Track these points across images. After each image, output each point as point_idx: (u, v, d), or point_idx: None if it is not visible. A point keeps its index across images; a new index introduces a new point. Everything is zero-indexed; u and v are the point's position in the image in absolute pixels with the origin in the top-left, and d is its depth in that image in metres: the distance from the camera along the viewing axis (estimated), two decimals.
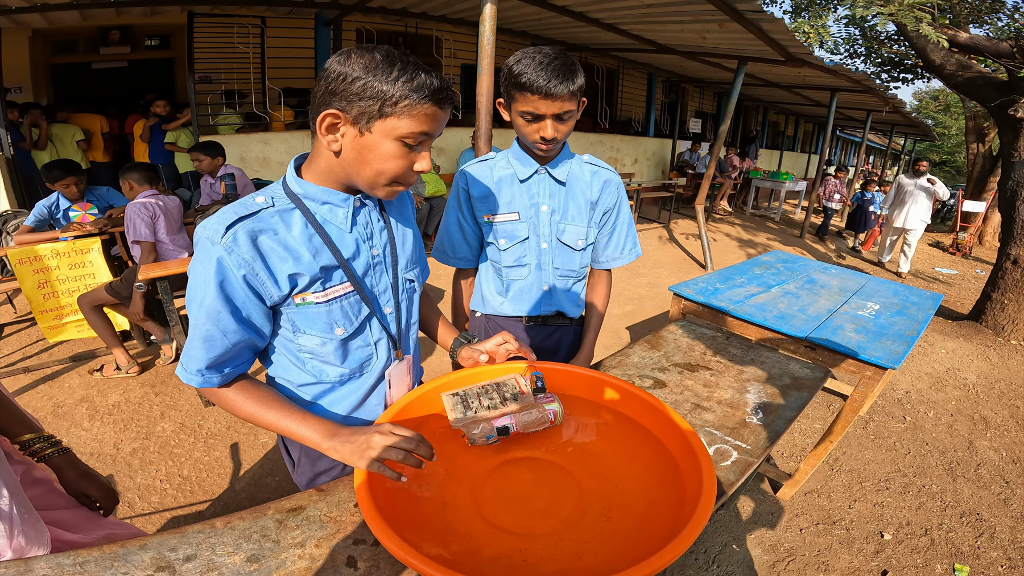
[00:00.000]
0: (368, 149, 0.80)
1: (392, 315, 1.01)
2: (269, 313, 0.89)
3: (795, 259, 3.06)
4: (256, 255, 0.81)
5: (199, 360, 0.84)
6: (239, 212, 0.81)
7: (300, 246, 0.85)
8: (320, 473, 1.08)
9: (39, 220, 3.18)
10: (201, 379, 0.85)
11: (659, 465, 0.94)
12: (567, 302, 1.46)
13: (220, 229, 0.79)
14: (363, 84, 0.75)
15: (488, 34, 2.54)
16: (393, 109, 0.76)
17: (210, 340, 0.82)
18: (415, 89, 0.76)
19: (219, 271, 0.80)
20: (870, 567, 1.97)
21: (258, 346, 0.91)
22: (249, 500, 2.14)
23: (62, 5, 4.48)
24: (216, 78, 5.50)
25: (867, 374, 1.80)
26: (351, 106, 0.76)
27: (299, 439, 0.88)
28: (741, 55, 5.71)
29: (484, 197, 1.35)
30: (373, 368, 1.02)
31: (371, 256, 0.95)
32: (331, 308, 0.90)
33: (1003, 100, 4.37)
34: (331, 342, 0.93)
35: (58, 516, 1.00)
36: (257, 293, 0.84)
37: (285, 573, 0.75)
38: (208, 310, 0.81)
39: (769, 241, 7.98)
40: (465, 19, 6.23)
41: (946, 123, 18.00)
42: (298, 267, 0.84)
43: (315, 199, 0.87)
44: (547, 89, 1.10)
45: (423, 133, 0.79)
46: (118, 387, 2.87)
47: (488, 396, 1.01)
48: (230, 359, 0.86)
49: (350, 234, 0.90)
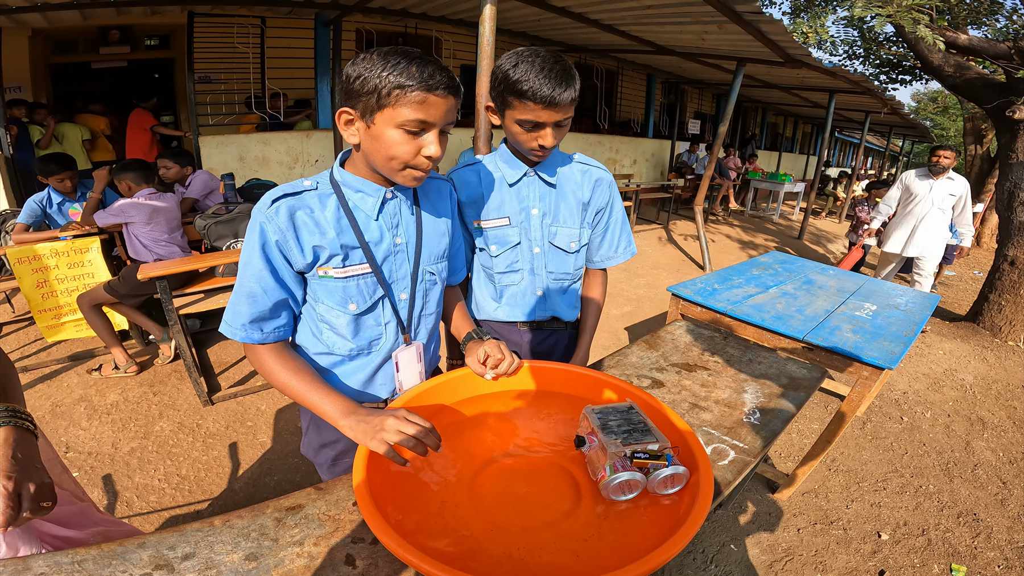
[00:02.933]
0: (376, 139, 0.88)
1: (406, 301, 1.08)
2: (299, 278, 1.00)
3: (793, 260, 3.06)
4: (290, 225, 0.93)
5: (244, 315, 0.95)
6: (286, 190, 0.95)
7: (328, 224, 0.95)
8: (324, 445, 1.16)
9: (33, 217, 3.18)
10: (244, 333, 0.95)
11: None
12: (562, 306, 1.45)
13: (268, 201, 0.93)
14: (363, 81, 0.84)
15: (488, 35, 2.54)
16: (387, 100, 0.84)
17: (253, 296, 0.94)
18: (404, 79, 0.82)
19: (261, 235, 0.92)
20: (867, 567, 1.97)
21: (294, 309, 1.02)
22: (247, 499, 2.14)
23: (62, 5, 4.48)
24: (216, 78, 5.50)
25: (864, 374, 1.80)
26: (357, 102, 0.87)
27: (319, 412, 0.95)
28: (740, 56, 5.72)
29: (473, 202, 1.31)
30: (381, 347, 1.09)
31: (393, 244, 1.02)
32: (347, 284, 0.99)
33: (1001, 102, 4.38)
34: (344, 315, 1.02)
35: (54, 512, 1.00)
36: (287, 259, 0.95)
37: (283, 571, 0.75)
38: (253, 269, 0.93)
39: (767, 242, 7.99)
40: (465, 20, 6.23)
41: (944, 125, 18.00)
42: (322, 241, 0.95)
43: (351, 187, 0.98)
44: (551, 98, 1.07)
45: (419, 120, 0.85)
46: (116, 386, 2.87)
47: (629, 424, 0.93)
48: (270, 317, 0.97)
49: (376, 221, 1.00)
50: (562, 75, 1.07)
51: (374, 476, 0.83)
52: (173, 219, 3.02)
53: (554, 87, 1.06)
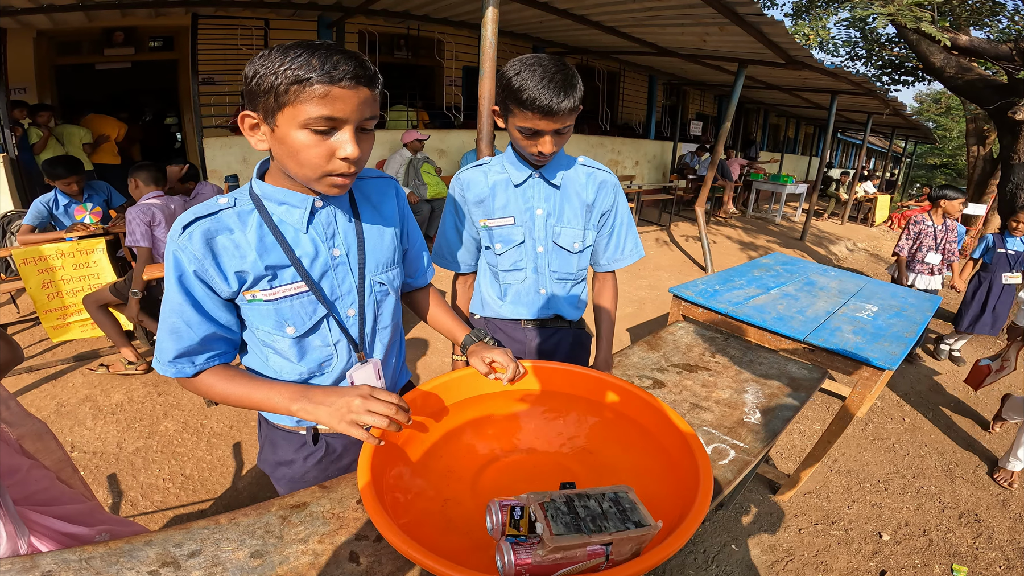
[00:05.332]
0: (282, 142, 0.78)
1: (355, 318, 0.99)
2: (231, 307, 0.91)
3: (794, 261, 3.07)
4: (207, 252, 0.83)
5: (169, 351, 0.87)
6: (199, 212, 0.85)
7: (249, 245, 0.86)
8: (280, 463, 1.09)
9: (39, 219, 3.20)
10: (174, 369, 0.88)
11: (657, 463, 0.96)
12: (565, 305, 1.46)
13: (179, 228, 0.84)
14: (259, 79, 0.74)
15: (490, 37, 2.55)
16: (286, 97, 0.74)
17: (176, 332, 0.86)
18: (302, 72, 0.72)
19: (176, 266, 0.84)
20: (868, 567, 1.98)
21: (230, 339, 0.94)
22: (251, 499, 2.15)
23: (68, 6, 4.50)
24: (220, 80, 5.52)
25: (865, 375, 1.81)
26: (258, 103, 0.76)
27: (269, 407, 0.89)
28: (742, 58, 5.72)
29: (480, 202, 1.35)
30: (334, 368, 1.01)
31: (331, 257, 0.93)
32: (279, 306, 0.90)
33: (1002, 103, 4.39)
34: (284, 339, 0.93)
35: (61, 510, 1.02)
36: (210, 288, 0.86)
37: (288, 569, 0.77)
38: (172, 303, 0.85)
39: (769, 244, 7.99)
40: (467, 22, 6.24)
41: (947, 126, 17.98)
42: (244, 265, 0.86)
43: (273, 199, 0.88)
44: (549, 108, 1.08)
45: (325, 117, 0.74)
46: (121, 386, 2.89)
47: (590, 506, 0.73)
48: (201, 350, 0.89)
49: (306, 234, 0.90)
50: (562, 85, 1.07)
51: (379, 475, 0.84)
52: None
53: (552, 97, 1.07)
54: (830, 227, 10.26)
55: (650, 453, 0.98)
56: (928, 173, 23.52)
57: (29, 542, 0.89)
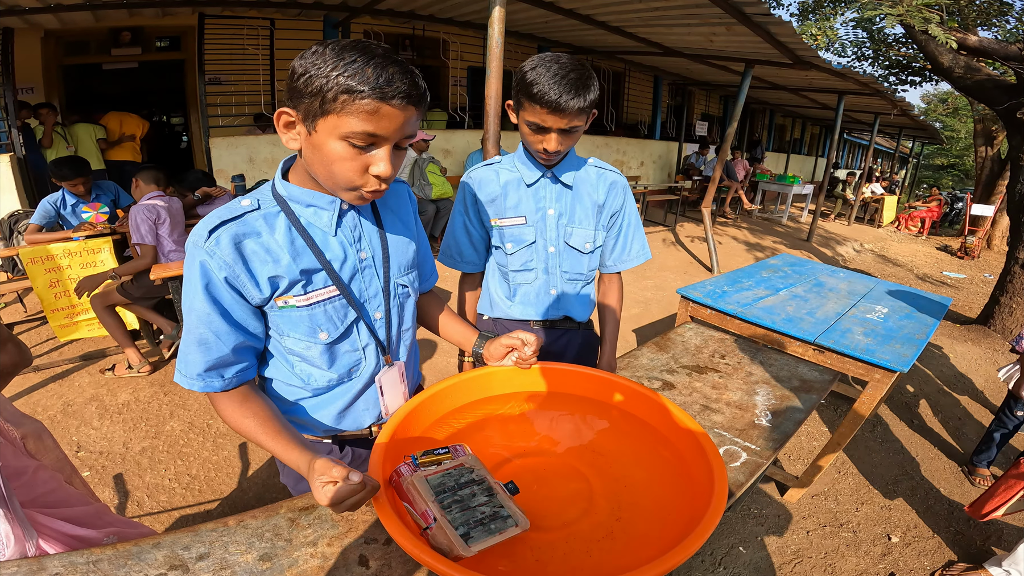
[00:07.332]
0: (317, 149, 0.75)
1: (382, 320, 0.98)
2: (259, 314, 0.88)
3: (803, 262, 3.05)
4: (238, 257, 0.80)
5: (196, 364, 0.82)
6: (223, 216, 0.81)
7: (281, 249, 0.83)
8: (303, 478, 1.00)
9: (47, 218, 3.21)
10: (202, 383, 0.83)
11: (670, 466, 0.94)
12: (575, 306, 1.46)
13: (204, 233, 0.79)
14: (308, 79, 0.70)
15: (496, 37, 2.55)
16: (332, 105, 0.70)
17: (204, 343, 0.82)
18: (355, 82, 0.68)
19: (203, 274, 0.79)
20: (877, 569, 1.96)
21: (257, 348, 0.90)
22: (257, 500, 2.15)
23: (75, 6, 4.52)
24: (226, 80, 5.53)
25: (875, 377, 1.79)
26: (299, 103, 0.73)
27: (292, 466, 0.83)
28: (748, 58, 5.70)
29: (491, 201, 1.34)
30: (362, 373, 0.99)
31: (359, 260, 0.92)
32: (313, 312, 0.88)
33: (1011, 103, 4.35)
34: (316, 346, 0.91)
35: (68, 512, 1.01)
36: (241, 295, 0.82)
37: (297, 572, 0.76)
38: (199, 313, 0.80)
39: (775, 244, 7.95)
40: (472, 22, 6.24)
41: (955, 126, 17.90)
42: (277, 270, 0.83)
43: (299, 201, 0.85)
44: (556, 104, 1.07)
45: (368, 133, 0.72)
46: (128, 386, 2.89)
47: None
48: (231, 362, 0.85)
49: (335, 237, 0.88)
50: (575, 83, 1.07)
51: (388, 477, 0.83)
52: (179, 222, 3.04)
53: (561, 93, 1.06)
54: (837, 228, 10.21)
55: (663, 456, 0.97)
56: (935, 174, 23.42)
57: (37, 544, 0.88)
